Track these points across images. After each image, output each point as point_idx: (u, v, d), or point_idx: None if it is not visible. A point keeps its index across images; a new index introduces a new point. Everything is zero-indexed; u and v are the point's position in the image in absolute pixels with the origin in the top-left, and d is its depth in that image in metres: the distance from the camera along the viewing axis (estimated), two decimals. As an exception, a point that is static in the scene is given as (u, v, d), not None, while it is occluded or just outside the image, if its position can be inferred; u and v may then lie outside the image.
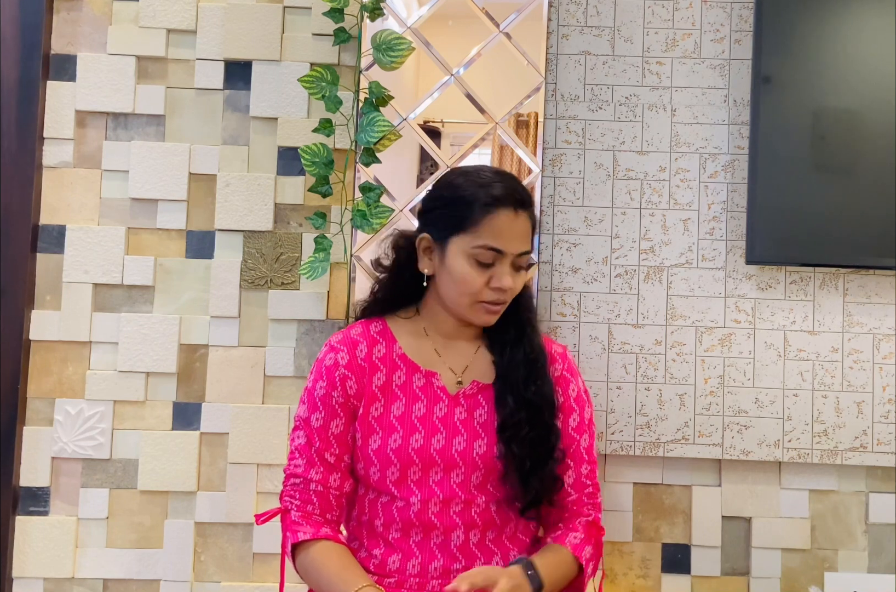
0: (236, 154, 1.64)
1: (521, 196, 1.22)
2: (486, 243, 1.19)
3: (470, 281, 1.20)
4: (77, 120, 1.64)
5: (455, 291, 1.23)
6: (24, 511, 1.60)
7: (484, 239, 1.19)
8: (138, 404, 1.61)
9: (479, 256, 1.20)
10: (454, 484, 1.22)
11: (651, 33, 1.65)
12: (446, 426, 1.24)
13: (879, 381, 1.60)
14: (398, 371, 1.26)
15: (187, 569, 1.59)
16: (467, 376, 1.29)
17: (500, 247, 1.19)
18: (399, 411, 1.24)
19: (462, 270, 1.21)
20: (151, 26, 1.63)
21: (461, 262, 1.21)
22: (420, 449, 1.22)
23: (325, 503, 1.23)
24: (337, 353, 1.26)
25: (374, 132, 1.53)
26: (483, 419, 1.26)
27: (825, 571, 1.61)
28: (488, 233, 1.19)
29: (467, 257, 1.20)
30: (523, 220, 1.22)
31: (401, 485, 1.22)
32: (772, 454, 1.59)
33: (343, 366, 1.25)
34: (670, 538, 1.62)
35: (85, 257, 1.62)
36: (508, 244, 1.20)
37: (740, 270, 1.62)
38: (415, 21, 1.64)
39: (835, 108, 1.56)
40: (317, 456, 1.23)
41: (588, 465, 1.31)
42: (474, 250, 1.20)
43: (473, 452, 1.23)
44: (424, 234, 1.25)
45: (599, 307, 1.62)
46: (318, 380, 1.25)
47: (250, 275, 1.63)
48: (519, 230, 1.21)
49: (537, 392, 1.25)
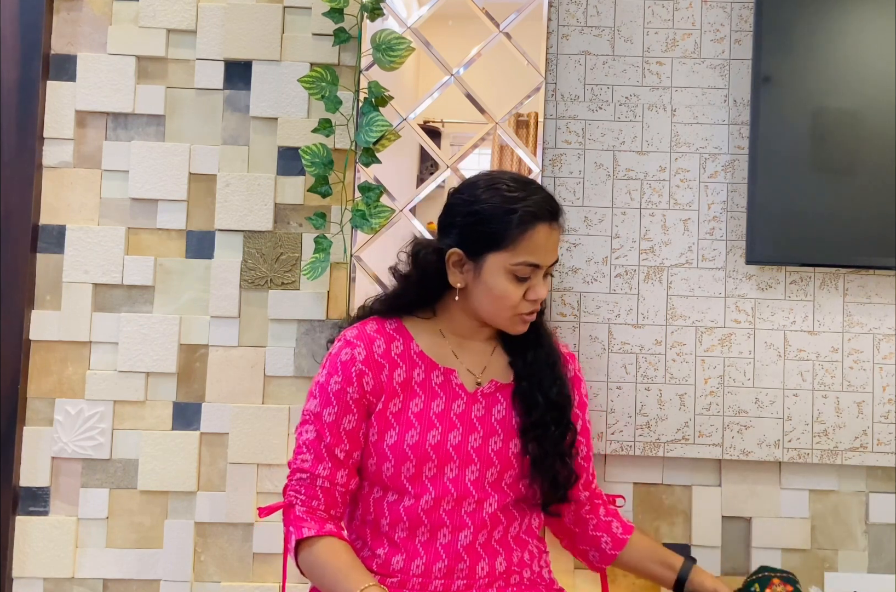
0: (236, 154, 1.64)
1: (553, 207, 1.23)
2: (526, 260, 1.20)
3: (510, 296, 1.22)
4: (77, 120, 1.64)
5: (493, 305, 1.24)
6: (24, 511, 1.60)
7: (524, 256, 1.20)
8: (138, 404, 1.61)
9: (517, 271, 1.21)
10: (468, 482, 1.23)
11: (651, 33, 1.65)
12: (463, 422, 1.25)
13: (879, 381, 1.60)
14: (417, 368, 1.27)
15: (187, 569, 1.59)
16: (486, 376, 1.30)
17: (539, 262, 1.21)
18: (417, 407, 1.24)
19: (502, 286, 1.21)
20: (151, 26, 1.63)
21: (500, 279, 1.21)
22: (437, 445, 1.22)
23: (331, 499, 1.22)
24: (354, 348, 1.24)
25: (373, 132, 1.53)
26: (501, 416, 1.27)
27: (825, 571, 1.61)
28: (527, 250, 1.20)
29: (506, 273, 1.21)
30: (558, 232, 1.24)
31: (415, 481, 1.22)
32: (772, 454, 1.59)
33: (360, 362, 1.23)
34: (670, 538, 1.62)
35: (85, 257, 1.62)
36: (546, 258, 1.23)
37: (740, 270, 1.62)
38: (415, 21, 1.64)
39: (835, 108, 1.56)
40: (326, 452, 1.22)
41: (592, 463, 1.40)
42: (513, 267, 1.21)
43: (489, 448, 1.24)
44: (455, 249, 1.23)
45: (599, 307, 1.62)
46: (333, 375, 1.24)
47: (250, 275, 1.63)
48: (554, 242, 1.24)
49: (559, 393, 1.28)
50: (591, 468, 1.40)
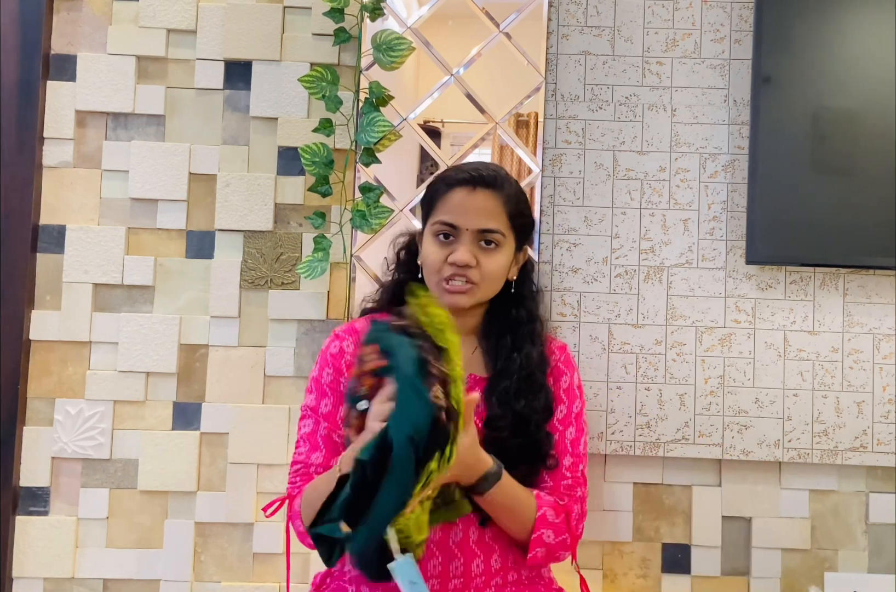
0: (236, 154, 1.64)
1: (483, 176, 1.24)
2: (441, 219, 1.24)
3: (432, 257, 1.24)
4: (77, 120, 1.64)
5: (426, 271, 1.26)
6: (24, 511, 1.60)
7: (440, 216, 1.24)
8: (138, 404, 1.61)
9: (437, 231, 1.24)
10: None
11: (651, 33, 1.65)
12: None
13: (879, 381, 1.60)
14: None
15: (187, 569, 1.59)
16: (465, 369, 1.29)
17: (452, 221, 1.23)
18: None
19: (427, 249, 1.25)
20: (151, 26, 1.63)
21: (428, 243, 1.26)
22: None
23: None
24: (342, 341, 1.29)
25: (374, 132, 1.54)
26: (479, 409, 1.26)
27: (825, 571, 1.61)
28: (443, 210, 1.24)
29: (432, 236, 1.25)
30: (483, 196, 1.24)
31: None
32: (772, 454, 1.59)
33: (349, 353, 1.26)
34: (670, 538, 1.62)
35: (85, 257, 1.62)
36: (462, 219, 1.23)
37: (740, 270, 1.62)
38: (415, 21, 1.64)
39: (835, 108, 1.56)
40: (322, 439, 1.24)
41: (571, 457, 1.30)
42: (433, 227, 1.25)
43: None
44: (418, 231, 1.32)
45: (599, 307, 1.62)
46: (325, 368, 1.28)
47: (250, 275, 1.63)
48: (475, 206, 1.23)
49: (527, 406, 1.24)
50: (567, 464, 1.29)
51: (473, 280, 1.23)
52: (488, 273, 1.24)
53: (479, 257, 1.23)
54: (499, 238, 1.24)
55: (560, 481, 1.28)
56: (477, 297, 1.25)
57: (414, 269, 1.31)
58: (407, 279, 1.31)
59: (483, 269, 1.23)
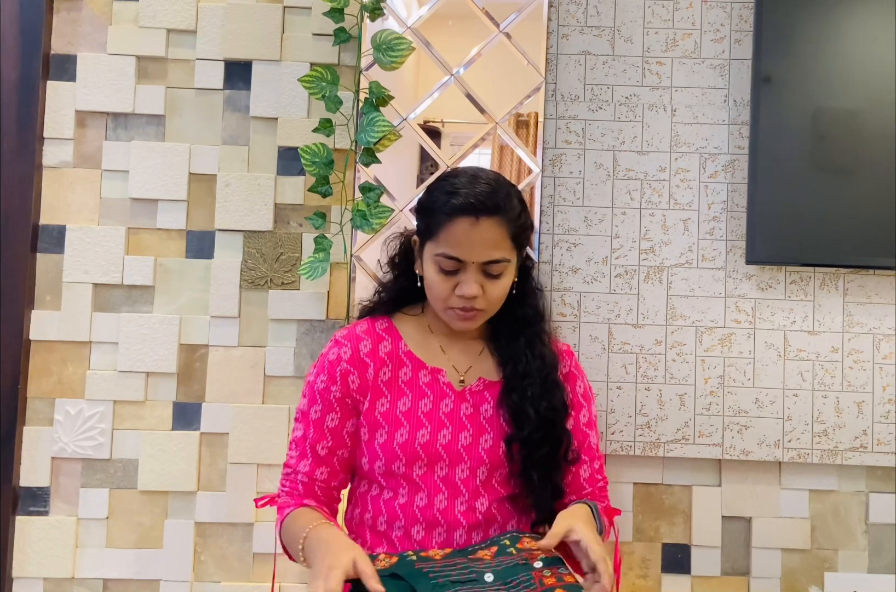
0: (236, 154, 1.64)
1: (485, 203, 1.18)
2: (444, 252, 1.19)
3: (437, 287, 1.21)
4: (77, 120, 1.64)
5: (430, 295, 1.24)
6: (24, 511, 1.60)
7: (443, 248, 1.19)
8: (138, 404, 1.61)
9: (441, 263, 1.20)
10: (459, 481, 1.23)
11: (651, 33, 1.65)
12: (452, 421, 1.25)
13: (879, 381, 1.60)
14: (404, 367, 1.27)
15: (187, 569, 1.59)
16: (471, 374, 1.29)
17: (457, 255, 1.18)
18: (405, 406, 1.25)
19: (430, 276, 1.22)
20: (151, 26, 1.63)
21: (430, 268, 1.22)
22: (426, 444, 1.22)
23: (311, 493, 1.24)
24: (340, 348, 1.27)
25: (374, 132, 1.53)
26: (489, 414, 1.26)
27: (825, 571, 1.61)
28: (445, 242, 1.19)
29: (434, 264, 1.21)
30: (487, 227, 1.18)
31: (407, 480, 1.23)
32: (772, 454, 1.59)
33: (346, 361, 1.25)
34: (670, 538, 1.62)
35: (85, 257, 1.62)
36: (467, 253, 1.18)
37: (740, 270, 1.62)
38: (415, 21, 1.64)
39: (835, 108, 1.56)
40: (309, 448, 1.24)
41: (598, 460, 1.34)
42: (436, 257, 1.20)
43: (479, 447, 1.24)
44: (415, 236, 1.27)
45: (599, 307, 1.62)
46: (320, 374, 1.27)
47: (250, 275, 1.63)
48: (480, 238, 1.18)
49: (549, 407, 1.25)
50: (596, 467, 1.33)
51: (480, 308, 1.23)
52: (495, 298, 1.23)
53: (484, 285, 1.21)
54: (504, 266, 1.22)
55: (595, 484, 1.33)
56: (485, 319, 1.26)
57: (411, 273, 1.29)
58: (407, 286, 1.31)
59: (489, 296, 1.22)
